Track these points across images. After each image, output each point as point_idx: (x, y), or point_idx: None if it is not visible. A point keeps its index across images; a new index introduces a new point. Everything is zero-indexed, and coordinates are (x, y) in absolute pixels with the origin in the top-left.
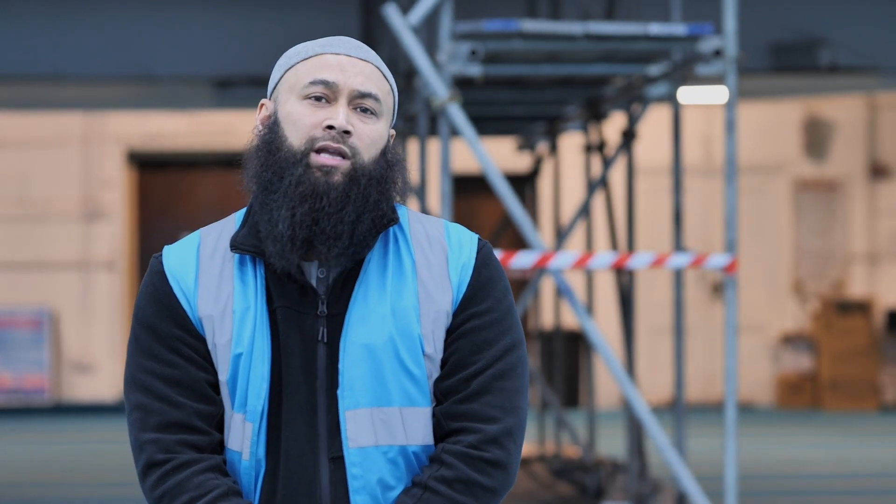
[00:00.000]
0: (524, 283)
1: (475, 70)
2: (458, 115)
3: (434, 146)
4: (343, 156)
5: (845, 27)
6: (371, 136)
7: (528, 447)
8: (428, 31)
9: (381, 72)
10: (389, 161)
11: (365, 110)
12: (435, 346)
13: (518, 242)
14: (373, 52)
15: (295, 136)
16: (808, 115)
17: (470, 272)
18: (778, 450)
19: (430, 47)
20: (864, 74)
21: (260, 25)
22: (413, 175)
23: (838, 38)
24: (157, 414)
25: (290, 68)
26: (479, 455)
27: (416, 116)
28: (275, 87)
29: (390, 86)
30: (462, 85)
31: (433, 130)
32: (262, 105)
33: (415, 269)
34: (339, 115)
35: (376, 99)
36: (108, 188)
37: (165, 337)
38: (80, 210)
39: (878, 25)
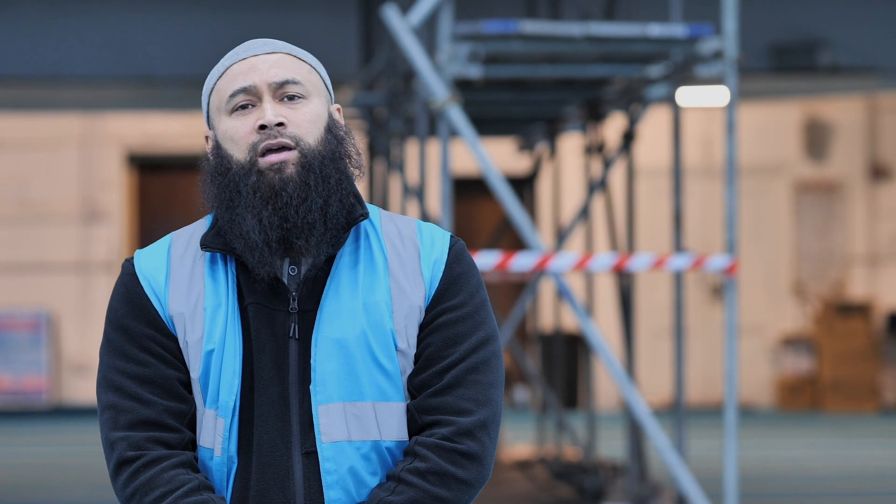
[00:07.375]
0: (524, 285)
1: (475, 71)
2: (457, 116)
3: (433, 147)
4: (287, 148)
5: (845, 28)
6: (306, 117)
7: (527, 449)
8: (427, 33)
9: (293, 55)
10: (338, 136)
11: (291, 97)
12: (408, 341)
13: (518, 244)
14: (280, 42)
15: (237, 151)
16: (808, 116)
17: (442, 268)
18: (778, 452)
19: (430, 48)
20: (864, 75)
21: (259, 27)
22: (413, 177)
23: (838, 39)
24: (128, 412)
25: (211, 91)
26: (453, 447)
27: (415, 118)
28: (207, 115)
29: (309, 64)
30: (461, 86)
31: (433, 132)
32: (206, 137)
33: (387, 265)
34: (267, 111)
35: (296, 82)
36: (107, 190)
37: (137, 336)
38: (79, 211)
39: (877, 26)
